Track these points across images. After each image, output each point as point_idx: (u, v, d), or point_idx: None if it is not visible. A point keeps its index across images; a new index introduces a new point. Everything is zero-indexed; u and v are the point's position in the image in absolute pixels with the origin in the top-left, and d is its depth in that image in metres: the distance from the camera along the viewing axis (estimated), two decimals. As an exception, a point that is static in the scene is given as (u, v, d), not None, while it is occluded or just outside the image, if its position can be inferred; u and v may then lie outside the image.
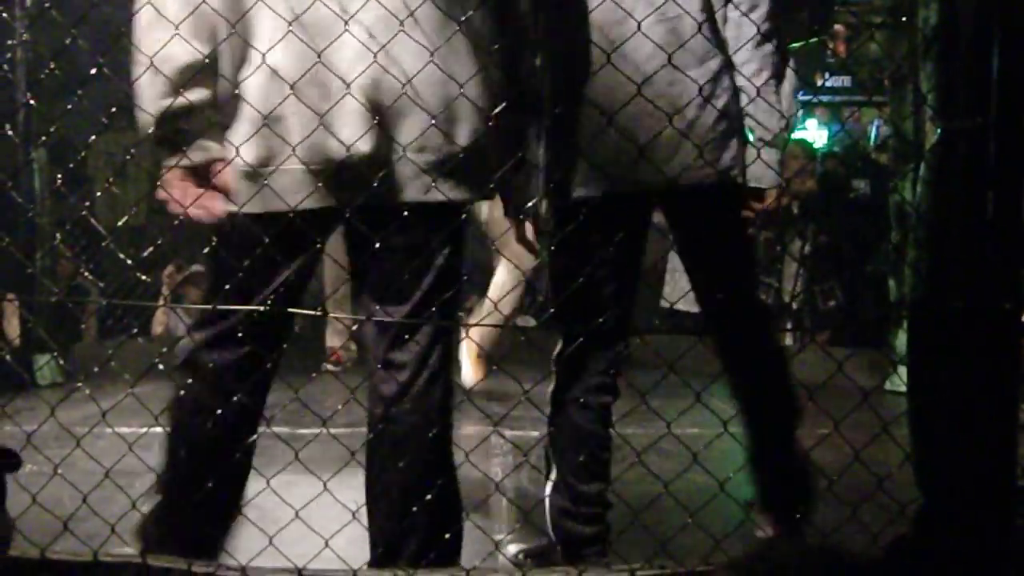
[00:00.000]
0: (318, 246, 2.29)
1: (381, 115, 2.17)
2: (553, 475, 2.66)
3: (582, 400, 2.60)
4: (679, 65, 2.44)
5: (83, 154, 5.70)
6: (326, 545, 2.36)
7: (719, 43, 2.62)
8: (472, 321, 5.65)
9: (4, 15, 3.34)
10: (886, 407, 2.71)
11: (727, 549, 2.36)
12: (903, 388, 2.25)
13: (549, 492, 2.66)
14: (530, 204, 2.54)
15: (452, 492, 2.35)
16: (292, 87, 2.14)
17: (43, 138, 5.92)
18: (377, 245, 2.23)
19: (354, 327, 2.52)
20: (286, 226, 2.17)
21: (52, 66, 2.53)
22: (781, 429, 2.74)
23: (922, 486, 2.18)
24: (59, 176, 5.88)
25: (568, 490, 2.62)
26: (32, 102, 5.81)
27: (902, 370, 2.30)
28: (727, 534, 2.44)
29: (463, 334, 4.40)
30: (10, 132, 5.71)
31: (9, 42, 5.28)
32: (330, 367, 6.46)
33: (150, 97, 2.19)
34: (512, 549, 2.75)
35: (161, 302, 7.42)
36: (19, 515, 2.50)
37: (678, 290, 6.98)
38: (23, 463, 2.21)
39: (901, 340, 5.85)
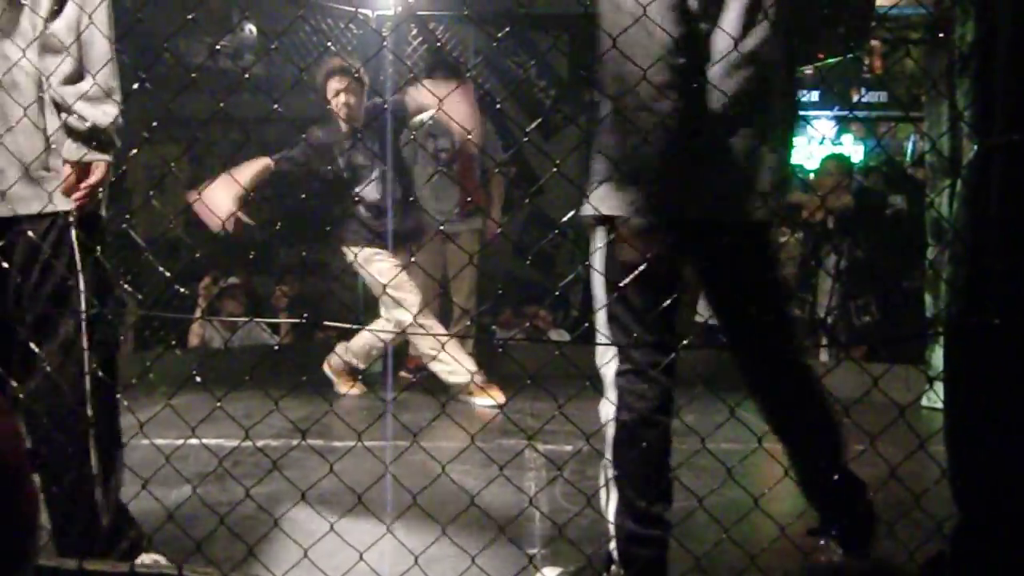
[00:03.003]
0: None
1: None
2: (614, 498, 2.63)
3: (652, 419, 2.57)
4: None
5: (122, 168, 5.74)
6: (360, 558, 2.37)
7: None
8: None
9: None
10: (922, 423, 2.69)
11: (762, 565, 2.35)
12: (939, 404, 2.23)
13: (614, 516, 2.63)
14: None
15: None
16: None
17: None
18: None
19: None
20: None
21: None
22: (824, 449, 2.69)
23: (959, 503, 2.17)
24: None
25: (633, 512, 2.58)
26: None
27: (938, 386, 2.28)
28: (762, 549, 2.43)
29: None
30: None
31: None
32: (405, 374, 6.57)
33: None
34: (549, 573, 2.73)
35: (198, 314, 7.46)
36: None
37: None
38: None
39: (938, 356, 5.81)
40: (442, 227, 5.19)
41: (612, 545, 2.60)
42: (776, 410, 2.68)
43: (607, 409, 2.59)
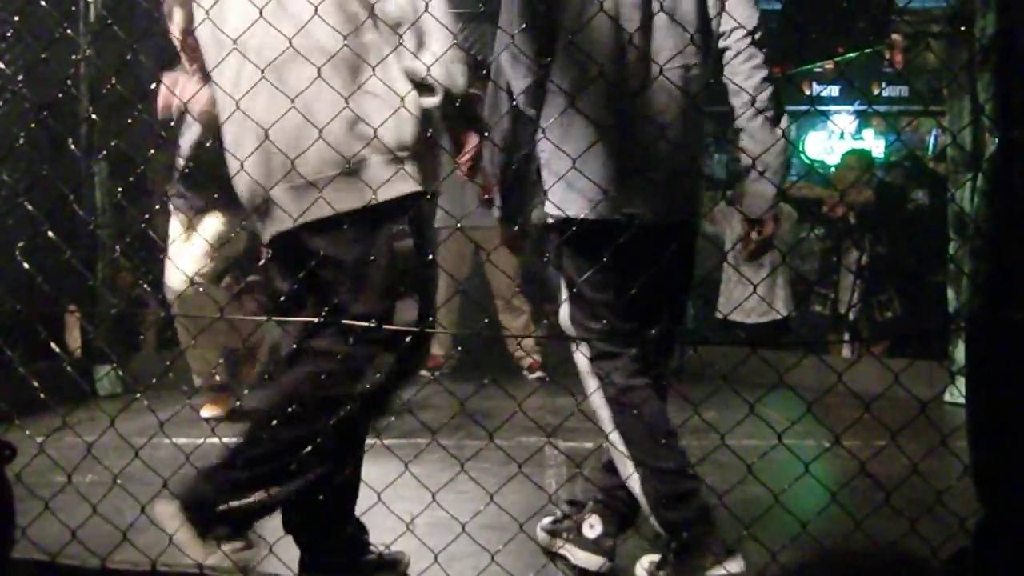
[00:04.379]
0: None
1: None
2: (633, 471, 2.65)
3: (629, 385, 2.66)
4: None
5: (142, 168, 5.76)
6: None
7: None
8: None
9: (68, 31, 3.40)
10: (945, 419, 2.68)
11: (782, 562, 2.34)
12: (962, 400, 2.22)
13: (639, 489, 2.65)
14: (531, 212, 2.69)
15: None
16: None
17: (104, 152, 6.01)
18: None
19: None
20: None
21: (113, 81, 2.57)
22: None
23: (982, 499, 2.16)
24: (119, 189, 5.95)
25: (655, 476, 2.62)
26: (94, 116, 5.90)
27: (961, 381, 2.27)
28: (783, 546, 2.42)
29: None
30: (73, 146, 5.80)
31: (73, 57, 5.36)
32: (425, 373, 6.59)
33: None
34: (646, 560, 2.77)
35: (218, 314, 7.48)
36: (80, 525, 2.54)
37: (732, 301, 6.94)
38: (17, 453, 2.22)
39: (960, 351, 5.78)
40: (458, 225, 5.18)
41: (652, 519, 2.66)
42: None
43: (594, 398, 2.70)
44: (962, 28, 5.46)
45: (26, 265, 2.57)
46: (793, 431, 2.50)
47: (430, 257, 2.46)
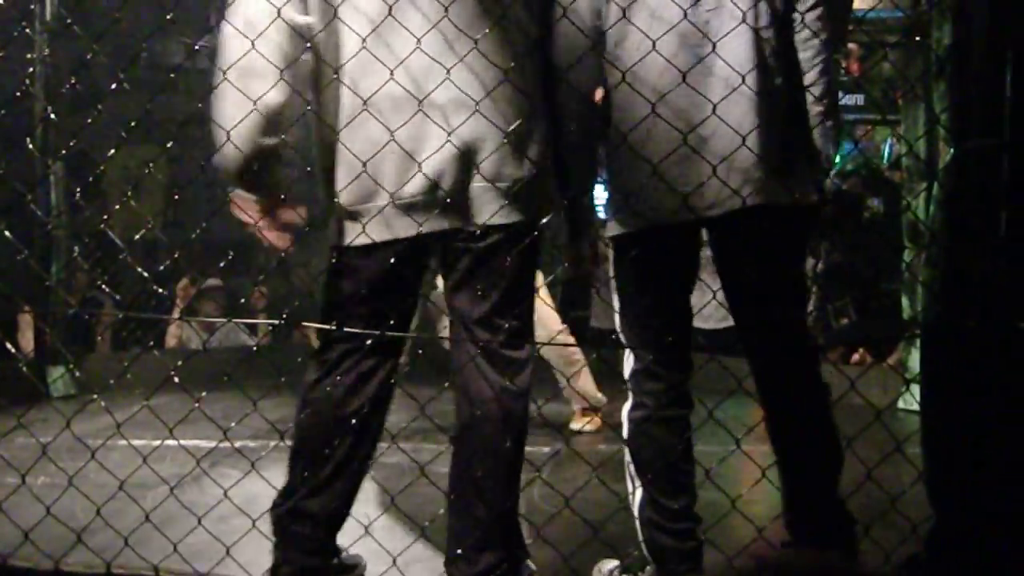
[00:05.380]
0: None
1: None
2: (638, 493, 2.64)
3: (660, 415, 2.59)
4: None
5: (101, 167, 5.72)
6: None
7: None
8: None
9: (25, 29, 3.37)
10: (899, 425, 2.70)
11: (739, 567, 2.36)
12: (916, 407, 2.24)
13: (638, 509, 2.64)
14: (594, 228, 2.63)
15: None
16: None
17: (61, 151, 5.96)
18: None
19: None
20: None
21: (72, 80, 2.54)
22: (821, 477, 2.66)
23: (935, 505, 2.18)
24: (76, 189, 5.90)
25: (656, 506, 2.60)
26: (51, 115, 5.85)
27: (915, 388, 2.29)
28: (738, 552, 2.44)
29: None
30: (29, 145, 5.74)
31: (29, 56, 5.31)
32: None
33: (242, 135, 2.30)
34: (605, 566, 2.75)
35: (175, 315, 7.44)
36: (33, 527, 2.51)
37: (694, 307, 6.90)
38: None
39: (914, 358, 5.84)
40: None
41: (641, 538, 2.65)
42: (784, 421, 2.66)
43: (624, 408, 2.66)
44: (918, 38, 5.51)
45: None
46: (751, 436, 2.52)
47: None
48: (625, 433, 2.65)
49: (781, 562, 2.49)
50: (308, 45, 2.31)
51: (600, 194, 2.69)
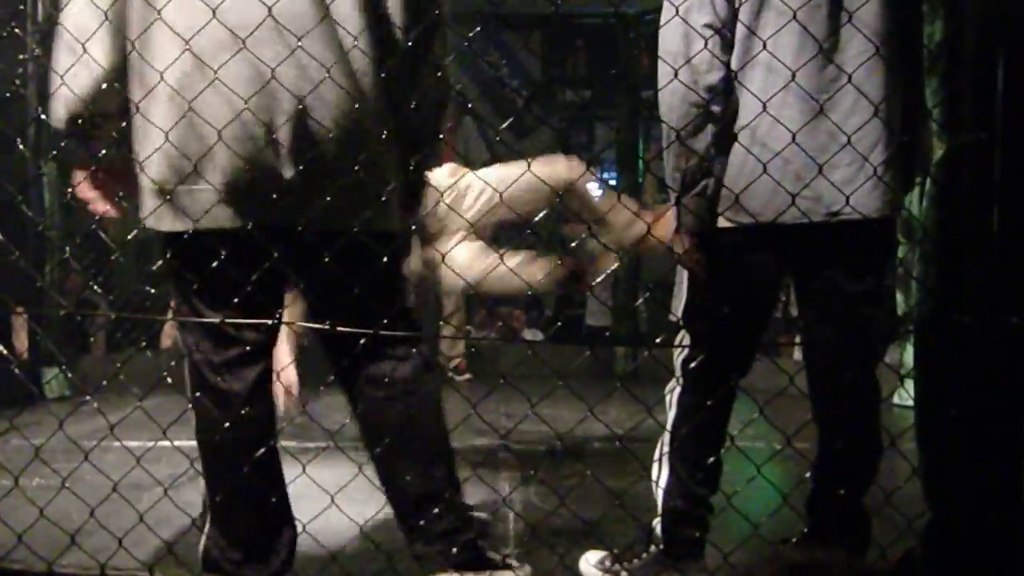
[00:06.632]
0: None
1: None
2: (663, 478, 2.66)
3: (713, 407, 2.58)
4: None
5: (93, 168, 5.71)
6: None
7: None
8: None
9: (16, 30, 3.35)
10: (894, 421, 2.70)
11: (734, 563, 2.36)
12: (911, 402, 2.24)
13: (662, 496, 2.66)
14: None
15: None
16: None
17: (53, 152, 5.94)
18: None
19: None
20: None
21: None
22: (858, 477, 2.65)
23: (930, 500, 2.18)
24: (69, 190, 5.91)
25: (684, 492, 2.62)
26: (43, 116, 5.83)
27: (909, 384, 2.29)
28: (735, 548, 2.44)
29: None
30: (21, 146, 5.73)
31: (20, 56, 5.30)
32: (457, 376, 6.62)
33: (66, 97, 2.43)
34: (592, 557, 2.75)
35: (170, 315, 7.42)
36: (26, 529, 2.51)
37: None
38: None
39: (909, 354, 5.84)
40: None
41: (656, 521, 2.68)
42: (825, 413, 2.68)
43: (675, 392, 2.70)
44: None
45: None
46: (745, 433, 2.52)
47: None
48: (671, 418, 2.69)
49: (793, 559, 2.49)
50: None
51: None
